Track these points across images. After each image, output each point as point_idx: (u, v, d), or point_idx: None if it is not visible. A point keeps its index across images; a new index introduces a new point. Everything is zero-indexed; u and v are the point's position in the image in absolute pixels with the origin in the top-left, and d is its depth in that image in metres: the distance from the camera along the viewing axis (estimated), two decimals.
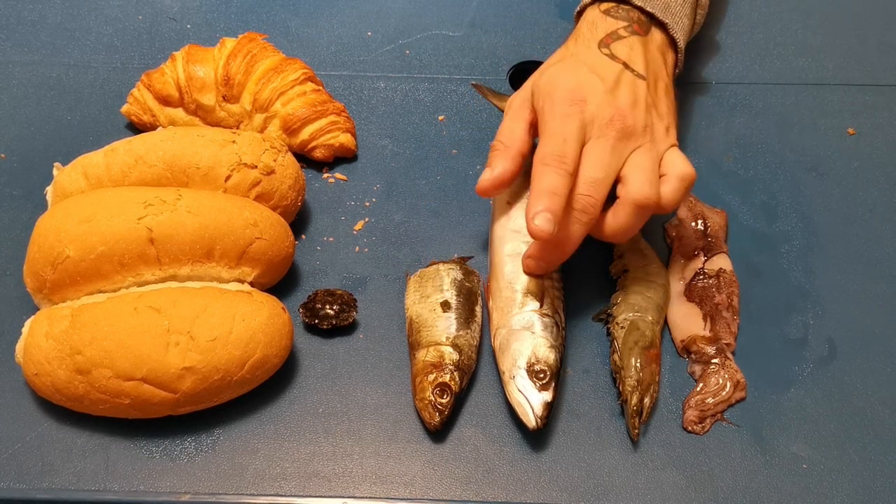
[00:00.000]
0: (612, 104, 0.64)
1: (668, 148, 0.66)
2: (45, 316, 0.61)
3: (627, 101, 0.65)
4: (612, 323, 0.67)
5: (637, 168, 0.63)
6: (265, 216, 0.66)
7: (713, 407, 0.63)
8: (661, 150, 0.66)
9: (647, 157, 0.64)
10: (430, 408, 0.61)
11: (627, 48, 0.69)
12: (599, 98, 0.64)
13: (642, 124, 0.65)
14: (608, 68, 0.67)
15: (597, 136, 0.63)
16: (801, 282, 0.72)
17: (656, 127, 0.66)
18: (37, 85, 0.84)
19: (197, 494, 0.59)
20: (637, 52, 0.69)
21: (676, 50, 0.73)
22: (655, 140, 0.66)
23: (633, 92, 0.66)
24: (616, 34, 0.70)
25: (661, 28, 0.72)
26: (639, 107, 0.66)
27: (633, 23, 0.71)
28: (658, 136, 0.66)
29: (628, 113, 0.64)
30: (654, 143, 0.65)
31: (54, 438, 0.61)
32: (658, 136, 0.66)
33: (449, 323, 0.65)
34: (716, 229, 0.72)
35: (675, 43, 0.73)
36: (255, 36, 0.79)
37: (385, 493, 0.60)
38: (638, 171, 0.63)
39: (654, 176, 0.64)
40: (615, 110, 0.64)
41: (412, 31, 0.90)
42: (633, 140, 0.64)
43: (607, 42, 0.69)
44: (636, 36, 0.70)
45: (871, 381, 0.66)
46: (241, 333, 0.60)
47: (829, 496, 0.60)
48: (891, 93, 0.85)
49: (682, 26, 0.73)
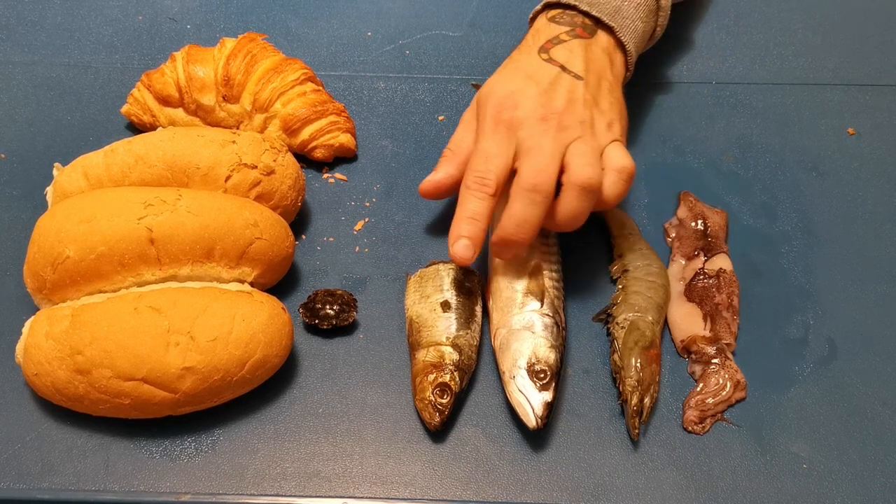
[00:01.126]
0: (545, 105, 0.66)
1: (609, 142, 0.67)
2: (45, 316, 0.61)
3: (562, 101, 0.66)
4: (612, 323, 0.67)
5: (576, 155, 0.64)
6: (265, 216, 0.66)
7: (713, 407, 0.63)
8: (601, 142, 0.66)
9: (586, 145, 0.65)
10: (430, 408, 0.61)
11: (567, 51, 0.70)
12: (532, 101, 0.66)
13: (579, 119, 0.66)
14: (544, 72, 0.69)
15: (534, 132, 0.65)
16: (801, 282, 0.72)
17: (596, 121, 0.67)
18: (37, 85, 0.84)
19: (197, 494, 0.59)
20: (576, 55, 0.70)
21: (626, 52, 0.74)
22: (595, 133, 0.66)
23: (569, 91, 0.67)
24: (557, 39, 0.71)
25: (608, 31, 0.73)
26: (575, 105, 0.67)
27: (577, 27, 0.72)
28: (598, 129, 0.67)
29: (562, 110, 0.66)
30: (595, 135, 0.66)
31: (54, 439, 0.62)
32: (598, 130, 0.67)
33: (449, 323, 0.65)
34: (716, 229, 0.72)
35: (624, 45, 0.73)
36: (255, 36, 0.79)
37: (385, 494, 0.60)
38: (577, 157, 0.64)
39: (595, 160, 0.64)
40: (547, 110, 0.66)
41: (412, 32, 0.90)
42: (570, 132, 0.65)
43: (547, 47, 0.71)
44: (578, 39, 0.71)
45: (871, 381, 0.66)
46: (241, 334, 0.60)
47: (829, 496, 0.60)
48: (891, 93, 0.85)
49: (632, 30, 0.74)
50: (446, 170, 0.70)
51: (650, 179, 0.78)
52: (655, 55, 0.86)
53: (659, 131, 0.82)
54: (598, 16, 0.72)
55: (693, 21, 0.92)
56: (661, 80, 0.86)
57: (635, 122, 0.82)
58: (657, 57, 0.87)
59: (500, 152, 0.65)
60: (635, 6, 0.74)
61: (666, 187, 0.77)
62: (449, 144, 0.72)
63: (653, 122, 0.83)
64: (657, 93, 0.85)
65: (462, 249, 0.64)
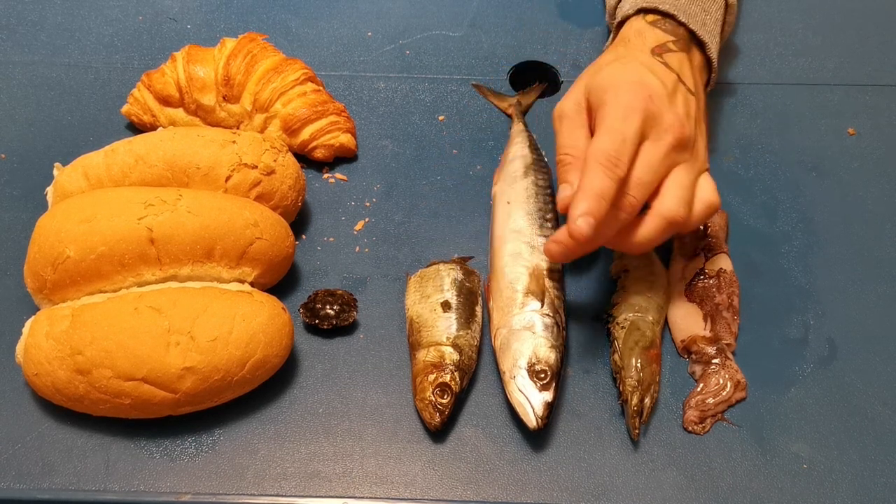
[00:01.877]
0: (672, 109, 0.63)
1: (704, 170, 0.66)
2: (45, 316, 0.61)
3: (683, 111, 0.64)
4: (612, 323, 0.67)
5: (676, 185, 0.62)
6: (265, 216, 0.66)
7: (713, 407, 0.63)
8: (699, 170, 0.65)
9: (687, 176, 0.63)
10: (430, 408, 0.61)
11: (678, 62, 0.68)
12: (662, 99, 0.63)
13: (693, 138, 0.64)
14: (665, 74, 0.66)
15: (654, 138, 0.62)
16: (801, 282, 0.72)
17: (699, 146, 0.65)
18: (37, 85, 0.84)
19: (197, 494, 0.59)
20: (686, 68, 0.68)
21: (710, 70, 0.73)
22: (697, 159, 0.65)
23: (686, 104, 0.65)
24: (666, 46, 0.69)
25: (699, 48, 0.72)
26: (691, 119, 0.65)
27: (680, 38, 0.70)
28: (700, 155, 0.65)
29: (685, 122, 0.63)
30: (696, 161, 0.64)
31: (54, 439, 0.62)
32: (700, 156, 0.65)
33: (449, 323, 0.65)
34: (716, 229, 0.72)
35: (710, 63, 0.73)
36: (255, 36, 0.79)
37: (385, 494, 0.60)
38: (676, 187, 0.62)
39: (690, 195, 0.63)
40: (675, 116, 0.63)
41: (412, 32, 0.90)
42: (683, 153, 0.63)
43: (659, 52, 0.68)
44: (684, 53, 0.69)
45: (871, 381, 0.66)
46: (241, 334, 0.60)
47: (829, 496, 0.60)
48: (891, 93, 0.85)
49: (714, 46, 0.73)
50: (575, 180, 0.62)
51: None
52: None
53: None
54: (696, 30, 0.70)
55: None
56: None
57: None
58: None
59: (632, 139, 0.60)
60: (715, 21, 0.73)
61: None
62: (561, 149, 0.65)
63: None
64: None
65: (585, 226, 0.58)
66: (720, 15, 0.74)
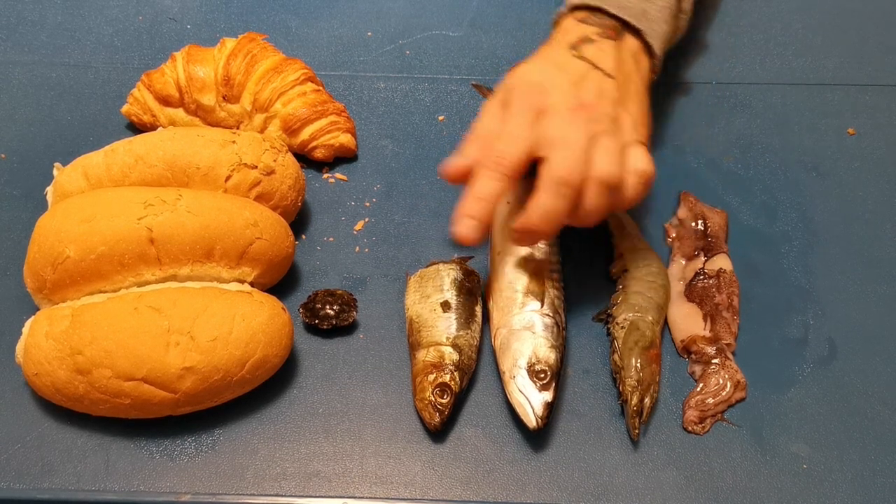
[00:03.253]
0: (576, 96, 0.65)
1: (633, 142, 0.66)
2: (45, 316, 0.61)
3: (592, 94, 0.65)
4: (612, 323, 0.67)
5: (601, 149, 0.63)
6: (265, 216, 0.66)
7: (713, 407, 0.63)
8: (626, 139, 0.65)
9: (611, 141, 0.63)
10: (430, 408, 0.61)
11: (597, 50, 0.69)
12: (562, 90, 0.65)
13: (608, 114, 0.65)
14: (575, 66, 0.67)
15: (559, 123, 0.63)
16: (801, 282, 0.72)
17: (623, 119, 0.66)
18: (37, 85, 0.84)
19: (197, 494, 0.59)
20: (607, 54, 0.69)
21: (652, 55, 0.74)
22: (622, 129, 0.65)
23: (599, 87, 0.66)
24: (587, 38, 0.70)
25: (635, 34, 0.73)
26: (604, 100, 0.66)
27: (607, 28, 0.71)
28: (625, 127, 0.66)
29: (595, 104, 0.65)
30: (621, 132, 0.65)
31: (54, 439, 0.62)
32: (625, 128, 0.66)
33: (449, 323, 0.65)
34: (716, 229, 0.72)
35: (651, 48, 0.73)
36: (255, 36, 0.79)
37: (385, 494, 0.60)
38: (602, 152, 0.63)
39: (618, 158, 0.63)
40: (578, 101, 0.64)
41: (412, 32, 0.90)
42: (599, 125, 0.64)
43: (577, 45, 0.70)
44: (608, 40, 0.70)
45: (871, 381, 0.66)
46: (241, 333, 0.60)
47: (829, 496, 0.60)
48: (891, 93, 0.85)
49: (658, 33, 0.73)
50: (471, 153, 0.65)
51: None
52: None
53: (659, 131, 0.82)
54: (627, 19, 0.71)
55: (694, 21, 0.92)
56: (662, 80, 0.86)
57: None
58: None
59: (524, 136, 0.63)
60: (659, 9, 0.73)
61: (666, 187, 0.77)
62: (473, 129, 0.68)
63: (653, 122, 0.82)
64: (657, 93, 0.84)
65: (466, 229, 0.62)
66: (668, 3, 0.74)
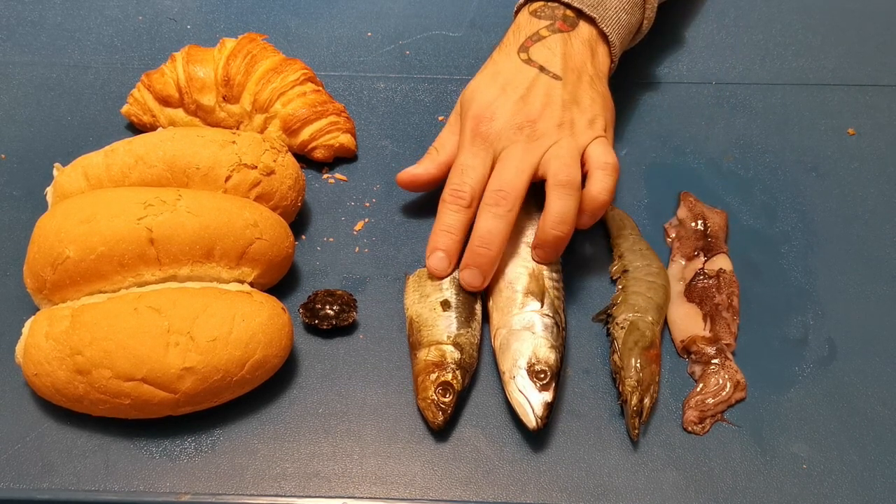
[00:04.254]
0: (522, 111, 0.67)
1: (591, 140, 0.67)
2: (45, 316, 0.61)
3: (538, 105, 0.67)
4: (612, 323, 0.67)
5: (553, 158, 0.66)
6: (265, 216, 0.66)
7: (713, 407, 0.63)
8: (581, 142, 0.67)
9: (563, 148, 0.66)
10: (433, 407, 0.61)
11: (546, 50, 0.70)
12: (508, 111, 0.67)
13: (556, 123, 0.67)
14: (522, 76, 0.69)
15: (508, 143, 0.66)
16: (801, 282, 0.72)
17: (576, 120, 0.68)
18: (37, 85, 0.84)
19: (197, 495, 0.59)
20: (555, 52, 0.70)
21: (609, 43, 0.74)
22: (575, 134, 0.67)
23: (547, 94, 0.68)
24: (537, 35, 0.71)
25: (590, 23, 0.73)
26: (552, 107, 0.67)
27: (558, 20, 0.72)
28: (578, 128, 0.68)
29: (538, 116, 0.67)
30: (574, 136, 0.67)
31: (54, 439, 0.62)
32: (578, 129, 0.68)
33: (450, 322, 0.65)
34: (716, 229, 0.72)
35: (607, 36, 0.73)
36: (255, 36, 0.79)
37: (385, 494, 0.60)
38: (553, 160, 0.65)
39: (571, 160, 0.66)
40: (524, 117, 0.67)
41: (412, 32, 0.90)
42: (547, 139, 0.66)
43: (527, 45, 0.71)
44: (558, 34, 0.71)
45: (871, 381, 0.66)
46: (241, 334, 0.60)
47: (829, 496, 0.60)
48: (891, 93, 0.85)
49: (615, 21, 0.73)
50: (426, 167, 0.72)
51: (650, 179, 0.78)
52: (655, 55, 0.86)
53: (659, 131, 0.82)
54: (580, 7, 0.72)
55: (692, 21, 0.92)
56: (662, 80, 0.86)
57: (635, 123, 0.82)
58: (657, 57, 0.87)
59: (476, 164, 0.67)
60: None
61: (666, 187, 0.77)
62: (434, 143, 0.74)
63: (653, 122, 0.83)
64: (658, 93, 0.85)
65: (437, 261, 0.67)
66: None
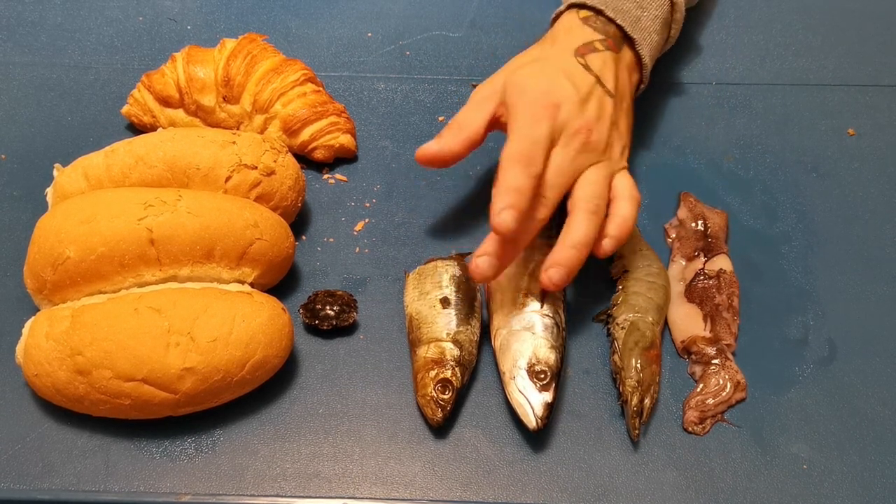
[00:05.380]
0: (582, 115, 0.66)
1: (619, 170, 0.68)
2: (45, 317, 0.61)
3: (594, 115, 0.67)
4: (612, 323, 0.67)
5: (588, 182, 0.65)
6: (265, 217, 0.66)
7: (713, 407, 0.63)
8: (614, 170, 0.67)
9: (600, 174, 0.66)
10: (432, 404, 0.61)
11: (601, 63, 0.70)
12: (571, 106, 0.66)
13: (605, 141, 0.67)
14: (582, 78, 0.68)
15: (563, 144, 0.65)
16: (801, 282, 0.72)
17: (614, 147, 0.68)
18: (37, 86, 0.84)
19: (197, 495, 0.59)
20: (609, 69, 0.70)
21: (641, 68, 0.74)
22: (612, 160, 0.68)
23: (601, 107, 0.68)
24: (592, 46, 0.70)
25: (630, 45, 0.73)
26: (604, 122, 0.67)
27: (609, 37, 0.71)
28: (614, 156, 0.68)
29: (594, 127, 0.66)
30: (610, 162, 0.67)
31: (55, 439, 0.62)
32: (614, 157, 0.68)
33: (449, 319, 0.65)
34: (716, 230, 0.72)
35: (641, 60, 0.73)
36: (255, 37, 0.79)
37: (385, 494, 0.60)
38: (590, 185, 0.65)
39: (605, 191, 0.66)
40: (583, 121, 0.66)
41: (412, 32, 0.90)
42: (593, 155, 0.66)
43: (583, 52, 0.70)
44: (610, 52, 0.71)
45: (871, 382, 0.66)
46: (241, 334, 0.60)
47: (829, 496, 0.60)
48: (891, 93, 0.85)
49: (649, 43, 0.74)
50: (448, 143, 0.67)
51: (650, 180, 0.78)
52: None
53: (659, 131, 0.82)
54: (622, 25, 0.71)
55: (693, 21, 0.92)
56: (662, 80, 0.86)
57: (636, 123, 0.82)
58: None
59: (544, 141, 0.63)
60: (652, 18, 0.73)
61: (666, 187, 0.77)
62: (455, 118, 0.69)
63: (653, 122, 0.83)
64: (657, 93, 0.85)
65: (508, 218, 0.60)
66: (661, 13, 0.74)
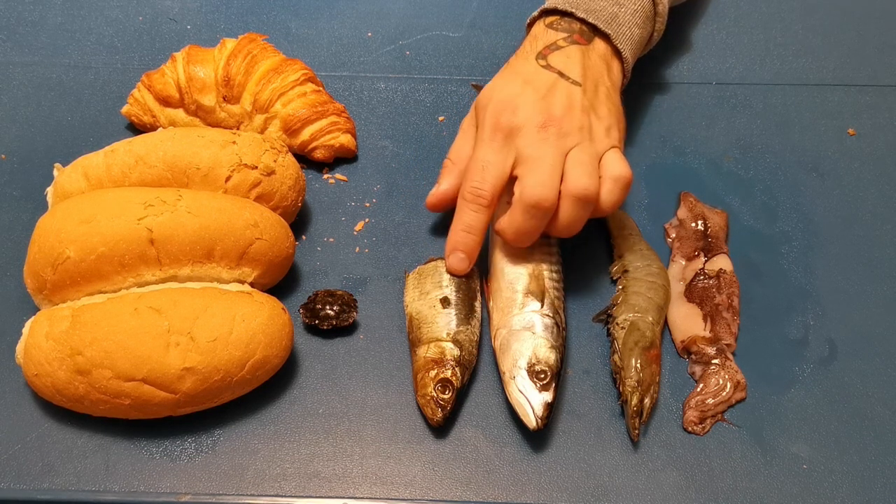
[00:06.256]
0: (544, 110, 0.66)
1: (608, 148, 0.67)
2: (45, 316, 0.61)
3: (560, 106, 0.66)
4: (612, 323, 0.67)
5: (575, 163, 0.64)
6: (265, 217, 0.66)
7: (713, 407, 0.63)
8: (599, 148, 0.66)
9: (584, 153, 0.65)
10: (432, 403, 0.61)
11: (564, 57, 0.70)
12: (530, 106, 0.66)
13: (577, 125, 0.66)
14: (542, 78, 0.68)
15: (530, 141, 0.65)
16: (801, 282, 0.72)
17: (595, 127, 0.67)
18: (37, 86, 0.84)
19: (197, 495, 0.59)
20: (574, 61, 0.70)
21: (622, 59, 0.74)
22: (594, 139, 0.66)
23: (568, 97, 0.67)
24: (555, 45, 0.71)
25: (605, 39, 0.73)
26: (573, 111, 0.66)
27: (574, 33, 0.72)
28: (597, 135, 0.67)
29: (561, 117, 0.66)
30: (593, 141, 0.66)
31: (55, 439, 0.62)
32: (597, 136, 0.67)
33: (449, 319, 0.65)
34: (716, 230, 0.72)
35: (620, 52, 0.73)
36: (255, 37, 0.79)
37: (385, 494, 0.60)
38: (576, 165, 0.64)
39: (593, 169, 0.65)
40: (547, 115, 0.66)
41: (412, 32, 0.90)
42: (570, 138, 0.65)
43: (545, 53, 0.70)
44: (576, 45, 0.71)
45: (871, 382, 0.66)
46: (241, 334, 0.60)
47: (829, 496, 0.60)
48: (891, 93, 0.85)
49: (628, 36, 0.74)
50: (448, 181, 0.71)
51: (650, 180, 0.78)
52: (655, 55, 0.86)
53: (659, 131, 0.82)
54: (595, 23, 0.72)
55: (693, 21, 0.92)
56: (661, 80, 0.86)
57: (636, 123, 0.82)
58: (657, 57, 0.87)
59: (496, 160, 0.65)
60: (632, 13, 0.74)
61: (666, 187, 0.77)
62: (449, 154, 0.73)
63: (653, 122, 0.83)
64: (657, 93, 0.85)
65: (457, 262, 0.67)
66: (641, 7, 0.74)
